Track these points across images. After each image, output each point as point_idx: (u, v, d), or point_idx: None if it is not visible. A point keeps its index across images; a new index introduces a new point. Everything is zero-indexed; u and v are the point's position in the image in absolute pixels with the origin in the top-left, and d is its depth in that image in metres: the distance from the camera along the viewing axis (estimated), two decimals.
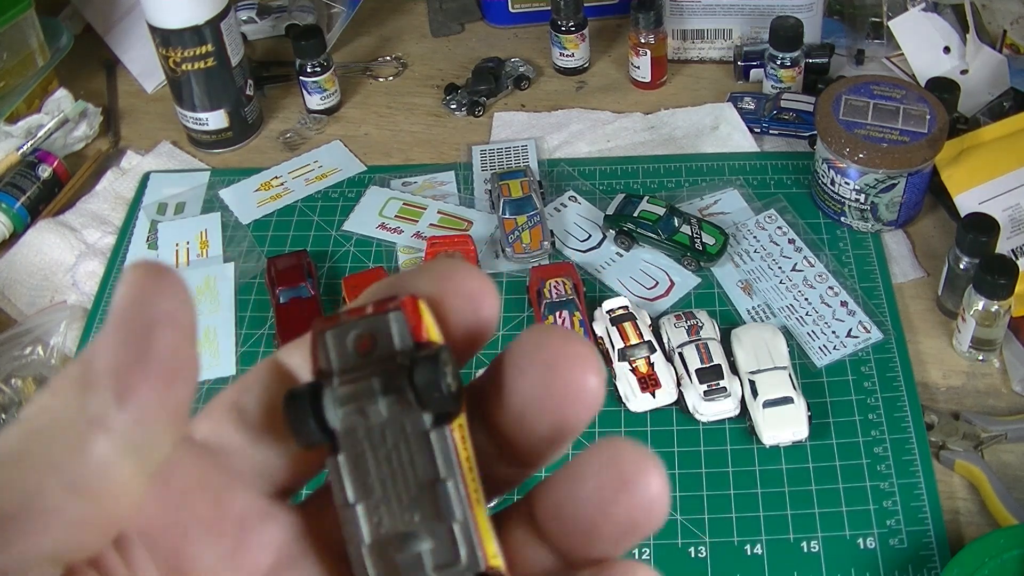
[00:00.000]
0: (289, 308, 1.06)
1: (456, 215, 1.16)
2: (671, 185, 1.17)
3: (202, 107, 1.24)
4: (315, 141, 1.29)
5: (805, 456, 0.92)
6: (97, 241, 1.17)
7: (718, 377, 0.94)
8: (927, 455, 0.91)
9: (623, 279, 1.08)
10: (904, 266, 1.08)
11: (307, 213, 1.18)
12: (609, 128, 1.25)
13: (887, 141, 1.03)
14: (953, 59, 1.25)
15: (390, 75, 1.39)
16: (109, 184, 1.24)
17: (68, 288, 1.12)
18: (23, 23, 1.27)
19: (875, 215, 1.08)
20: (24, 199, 1.19)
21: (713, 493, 0.90)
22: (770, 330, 0.98)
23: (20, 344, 1.03)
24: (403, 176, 1.22)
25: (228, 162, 1.27)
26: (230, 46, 1.21)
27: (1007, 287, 0.93)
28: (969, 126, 1.16)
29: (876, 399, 0.95)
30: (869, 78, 1.11)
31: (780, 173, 1.17)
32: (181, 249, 1.15)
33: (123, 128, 1.34)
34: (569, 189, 1.18)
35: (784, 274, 1.06)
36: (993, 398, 0.96)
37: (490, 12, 1.44)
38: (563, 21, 1.31)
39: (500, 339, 1.03)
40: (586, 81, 1.35)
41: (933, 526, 0.86)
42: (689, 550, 0.86)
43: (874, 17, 1.34)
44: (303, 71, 1.29)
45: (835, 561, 0.85)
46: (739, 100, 1.25)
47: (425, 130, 1.29)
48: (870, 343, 1.00)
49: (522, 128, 1.27)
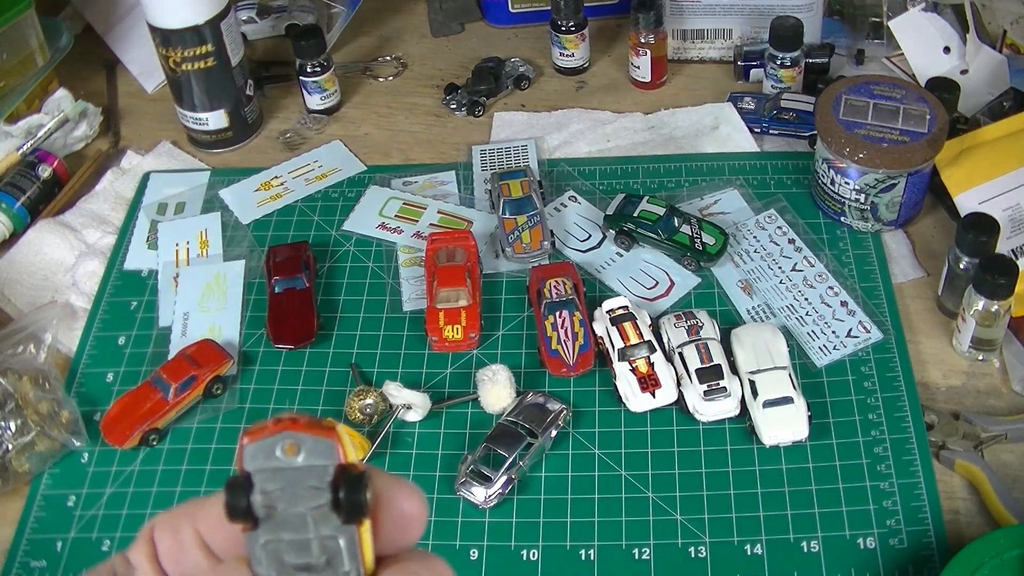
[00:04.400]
0: (283, 298, 1.06)
1: (456, 215, 1.16)
2: (671, 185, 1.17)
3: (202, 107, 1.24)
4: (315, 141, 1.29)
5: (805, 456, 0.92)
6: (97, 241, 1.17)
7: (718, 377, 0.94)
8: (927, 455, 0.91)
9: (623, 279, 1.08)
10: (904, 266, 1.08)
11: (307, 213, 1.18)
12: (609, 128, 1.25)
13: (887, 141, 1.03)
14: (953, 59, 1.25)
15: (390, 75, 1.39)
16: (109, 184, 1.24)
17: (68, 288, 1.12)
18: (23, 23, 1.27)
19: (875, 215, 1.08)
20: (24, 199, 1.19)
21: (713, 493, 0.90)
22: (770, 330, 0.98)
23: (13, 341, 1.03)
24: (403, 176, 1.22)
25: (228, 162, 1.27)
26: (230, 46, 1.21)
27: (1007, 287, 0.93)
28: (969, 126, 1.16)
29: (876, 399, 0.95)
30: (869, 78, 1.12)
31: (780, 173, 1.17)
32: (181, 249, 1.15)
33: (123, 128, 1.34)
34: (569, 189, 1.18)
35: (784, 274, 1.06)
36: (993, 398, 0.96)
37: (490, 12, 1.44)
38: (563, 21, 1.31)
39: (501, 339, 1.03)
40: (586, 81, 1.35)
41: (933, 526, 0.86)
42: (689, 550, 0.86)
43: (874, 17, 1.34)
44: (303, 71, 1.29)
45: (835, 561, 0.85)
46: (739, 100, 1.25)
47: (425, 130, 1.29)
48: (870, 343, 1.00)
49: (522, 128, 1.27)
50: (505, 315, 1.05)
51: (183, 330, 1.06)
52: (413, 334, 1.04)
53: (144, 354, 1.05)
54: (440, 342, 1.01)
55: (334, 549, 0.32)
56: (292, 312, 1.05)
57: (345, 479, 0.31)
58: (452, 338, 1.01)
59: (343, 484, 0.31)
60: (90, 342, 1.07)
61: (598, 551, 0.87)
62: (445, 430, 0.96)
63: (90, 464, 0.96)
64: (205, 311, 1.08)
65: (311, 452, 0.31)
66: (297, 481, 0.31)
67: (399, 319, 1.06)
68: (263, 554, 0.32)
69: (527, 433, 0.92)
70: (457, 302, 1.02)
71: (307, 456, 0.31)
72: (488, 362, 1.00)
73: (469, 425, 0.96)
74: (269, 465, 0.32)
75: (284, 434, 0.31)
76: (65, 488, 0.95)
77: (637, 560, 0.86)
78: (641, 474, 0.92)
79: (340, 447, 0.32)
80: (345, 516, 0.32)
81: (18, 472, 0.94)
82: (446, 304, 1.02)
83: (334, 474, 0.32)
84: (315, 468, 0.31)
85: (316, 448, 0.31)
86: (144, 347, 1.06)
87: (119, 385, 1.02)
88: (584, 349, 0.99)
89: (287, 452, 0.31)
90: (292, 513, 0.32)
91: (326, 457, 0.32)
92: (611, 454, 0.93)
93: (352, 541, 0.32)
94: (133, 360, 1.05)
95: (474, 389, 0.98)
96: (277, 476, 0.32)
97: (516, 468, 0.91)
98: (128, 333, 1.07)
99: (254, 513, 0.32)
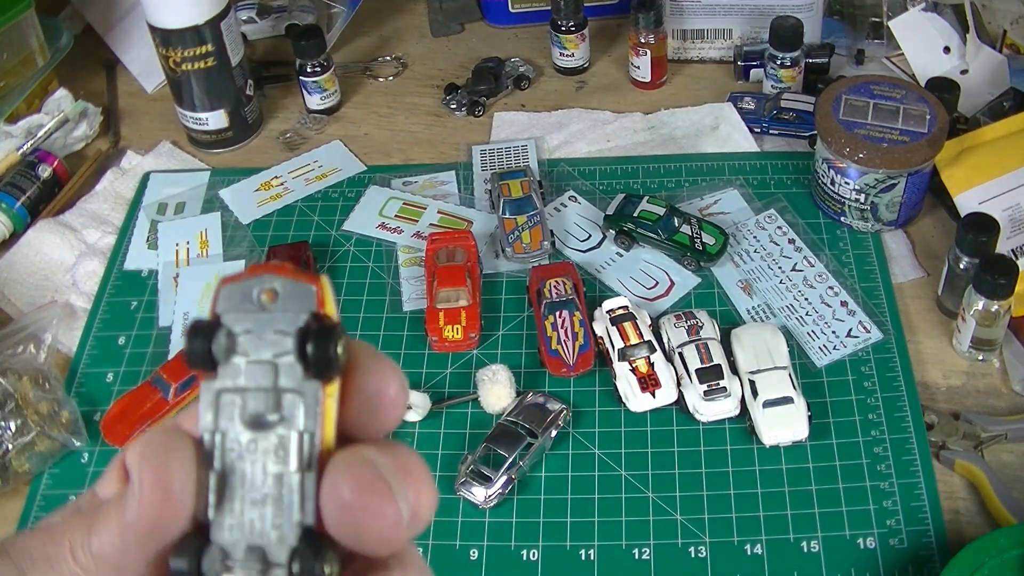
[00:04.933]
0: None
1: (456, 215, 1.16)
2: (671, 185, 1.17)
3: (202, 107, 1.24)
4: (315, 141, 1.29)
5: (805, 456, 0.92)
6: (97, 241, 1.17)
7: (718, 377, 0.94)
8: (927, 455, 0.91)
9: (623, 279, 1.08)
10: (904, 266, 1.08)
11: (307, 213, 1.18)
12: (609, 128, 1.25)
13: (887, 141, 1.03)
14: (953, 59, 1.25)
15: (390, 75, 1.39)
16: (109, 184, 1.24)
17: (68, 288, 1.12)
18: (23, 23, 1.27)
19: (875, 215, 1.08)
20: (24, 199, 1.19)
21: (713, 493, 0.90)
22: (770, 330, 0.98)
23: (13, 341, 1.03)
24: (403, 176, 1.22)
25: (228, 162, 1.27)
26: (230, 46, 1.21)
27: (1007, 287, 0.93)
28: (969, 126, 1.16)
29: (876, 399, 0.95)
30: (869, 78, 1.11)
31: (780, 173, 1.17)
32: (181, 249, 1.15)
33: (123, 128, 1.34)
34: (569, 189, 1.18)
35: (784, 274, 1.06)
36: (993, 398, 0.96)
37: (490, 12, 1.44)
38: (563, 21, 1.31)
39: (501, 339, 1.03)
40: (586, 81, 1.35)
41: (933, 526, 0.86)
42: (689, 550, 0.86)
43: (874, 17, 1.34)
44: (303, 71, 1.29)
45: (835, 561, 0.85)
46: (739, 100, 1.25)
47: (425, 130, 1.29)
48: (870, 343, 1.00)
49: (522, 128, 1.27)
50: (505, 315, 1.05)
51: (183, 330, 1.06)
52: (413, 334, 1.04)
53: (144, 354, 1.05)
54: (440, 342, 1.01)
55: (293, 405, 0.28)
56: None
57: (316, 328, 0.28)
58: (452, 338, 1.01)
59: (312, 333, 0.28)
60: (90, 342, 1.07)
61: (598, 551, 0.87)
62: (445, 430, 0.96)
63: (90, 464, 0.96)
64: (205, 311, 1.08)
65: (287, 296, 0.29)
66: (267, 325, 0.29)
67: (399, 319, 1.06)
68: (215, 404, 0.29)
69: (527, 433, 0.92)
70: (457, 302, 1.02)
71: (282, 301, 0.29)
72: (488, 362, 1.00)
73: (469, 425, 0.96)
74: (242, 307, 0.29)
75: (264, 277, 0.29)
76: (65, 488, 0.95)
77: (637, 560, 0.86)
78: (641, 474, 0.92)
79: (320, 294, 0.29)
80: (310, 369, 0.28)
81: (18, 472, 0.94)
82: (446, 304, 1.02)
83: (305, 322, 0.29)
84: (287, 314, 0.29)
85: (293, 292, 0.29)
86: (144, 347, 1.06)
87: (119, 385, 1.02)
88: (584, 349, 0.99)
89: (265, 296, 0.29)
90: (255, 360, 0.29)
91: (302, 303, 0.29)
92: (611, 454, 0.93)
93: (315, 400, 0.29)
94: (133, 360, 1.05)
95: (474, 389, 0.98)
96: (246, 319, 0.29)
97: (516, 468, 0.91)
98: (128, 333, 1.07)
99: (213, 357, 0.29)
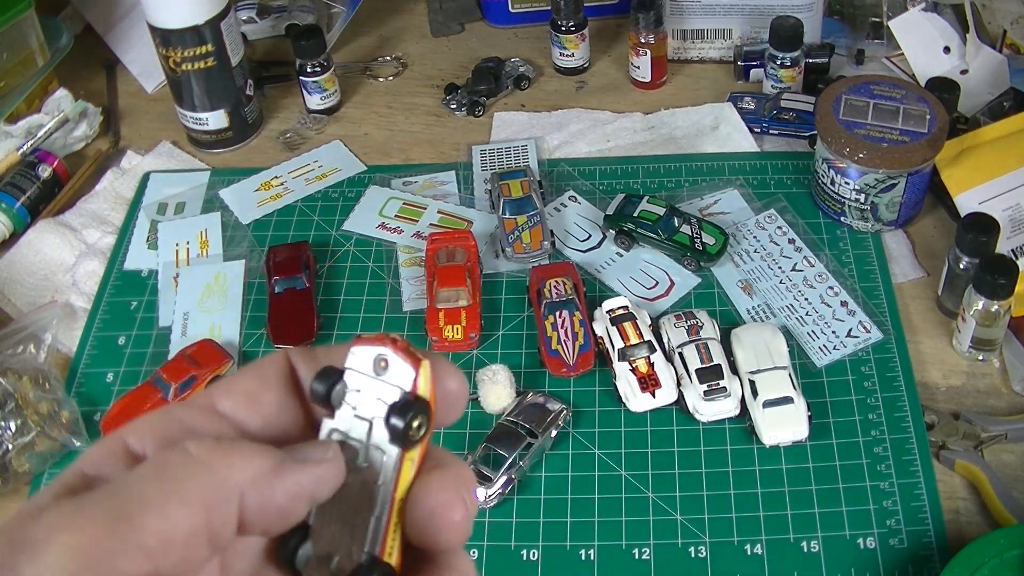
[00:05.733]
0: (282, 298, 1.06)
1: (456, 215, 1.16)
2: (671, 185, 1.17)
3: (202, 107, 1.24)
4: (315, 141, 1.29)
5: (805, 456, 0.92)
6: (97, 241, 1.17)
7: (718, 377, 0.94)
8: (927, 455, 0.91)
9: (623, 279, 1.08)
10: (904, 266, 1.08)
11: (307, 213, 1.18)
12: (609, 128, 1.25)
13: (887, 141, 1.03)
14: (953, 59, 1.25)
15: (390, 75, 1.39)
16: (109, 184, 1.24)
17: (68, 288, 1.12)
18: (23, 23, 1.27)
19: (875, 215, 1.08)
20: (24, 199, 1.19)
21: (713, 493, 0.90)
22: (770, 330, 0.98)
23: (13, 341, 1.03)
24: (403, 176, 1.22)
25: (228, 162, 1.27)
26: (230, 46, 1.21)
27: (1007, 287, 0.93)
28: (969, 126, 1.16)
29: (876, 399, 0.95)
30: (869, 78, 1.11)
31: (780, 173, 1.17)
32: (181, 249, 1.15)
33: (123, 128, 1.34)
34: (569, 189, 1.18)
35: (784, 274, 1.06)
36: (993, 398, 0.96)
37: (490, 12, 1.44)
38: (563, 21, 1.31)
39: (501, 339, 1.03)
40: (586, 81, 1.35)
41: (933, 526, 0.86)
42: (689, 550, 0.86)
43: (874, 17, 1.34)
44: (303, 71, 1.29)
45: (835, 561, 0.85)
46: (739, 100, 1.25)
47: (425, 130, 1.29)
48: (870, 343, 1.00)
49: (522, 128, 1.27)
50: (505, 315, 1.05)
51: (183, 330, 1.06)
52: (413, 334, 1.04)
53: (144, 354, 1.05)
54: (440, 342, 1.01)
55: (377, 460, 0.36)
56: (292, 312, 1.05)
57: (401, 405, 0.35)
58: (452, 338, 1.01)
59: (397, 408, 0.35)
60: (90, 342, 1.07)
61: (598, 551, 0.87)
62: (445, 430, 0.96)
63: None
64: (205, 311, 1.08)
65: (394, 372, 0.36)
66: (374, 390, 0.36)
67: (399, 319, 1.06)
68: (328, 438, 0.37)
69: (527, 433, 0.92)
70: (457, 302, 1.02)
71: (390, 373, 0.36)
72: (488, 362, 1.00)
73: (469, 425, 0.96)
74: (361, 369, 0.36)
75: (383, 348, 0.36)
76: None
77: (637, 560, 0.86)
78: (641, 474, 0.92)
79: (417, 378, 0.35)
80: (390, 436, 0.35)
81: (18, 472, 0.94)
82: (446, 304, 1.02)
83: (400, 397, 0.35)
84: (390, 387, 0.36)
85: (398, 370, 0.35)
86: (144, 347, 1.06)
87: (119, 385, 1.02)
88: (584, 349, 0.99)
89: (378, 365, 0.36)
90: (359, 415, 0.36)
91: (402, 380, 0.35)
92: (611, 454, 0.93)
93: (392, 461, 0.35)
94: (133, 360, 1.05)
95: (474, 389, 0.98)
96: (362, 380, 0.36)
97: (516, 468, 0.91)
98: (128, 333, 1.07)
99: (331, 402, 0.36)
